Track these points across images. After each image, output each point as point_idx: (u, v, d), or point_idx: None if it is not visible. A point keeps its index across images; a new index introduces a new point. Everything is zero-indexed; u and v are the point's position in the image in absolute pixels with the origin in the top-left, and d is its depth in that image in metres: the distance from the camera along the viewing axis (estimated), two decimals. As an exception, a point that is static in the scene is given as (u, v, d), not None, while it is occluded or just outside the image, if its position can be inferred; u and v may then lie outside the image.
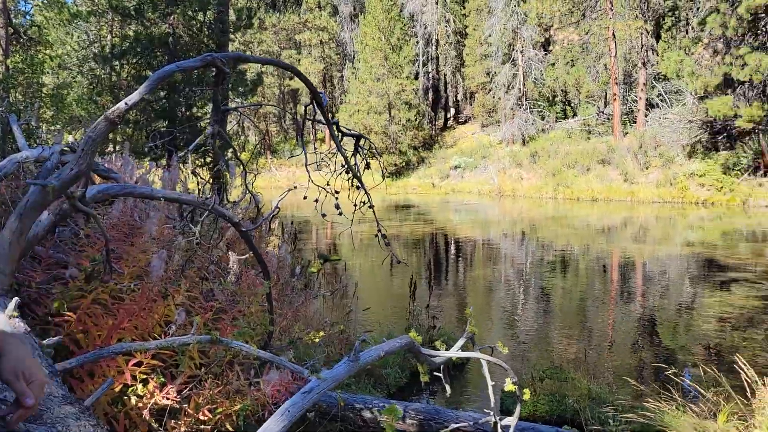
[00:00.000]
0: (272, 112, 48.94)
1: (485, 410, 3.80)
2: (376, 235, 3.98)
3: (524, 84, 36.72)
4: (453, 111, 50.28)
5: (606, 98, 35.66)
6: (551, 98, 39.17)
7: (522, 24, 36.41)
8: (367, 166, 4.02)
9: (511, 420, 3.70)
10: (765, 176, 24.23)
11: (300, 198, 3.80)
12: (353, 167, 3.84)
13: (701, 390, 3.98)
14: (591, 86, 35.59)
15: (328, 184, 3.75)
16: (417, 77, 42.54)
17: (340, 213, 3.70)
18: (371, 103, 38.17)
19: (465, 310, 4.43)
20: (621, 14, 32.83)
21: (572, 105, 39.30)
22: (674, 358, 6.68)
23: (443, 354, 3.80)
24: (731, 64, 23.66)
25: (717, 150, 26.69)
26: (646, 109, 32.10)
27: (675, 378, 4.14)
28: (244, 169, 3.90)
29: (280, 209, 4.88)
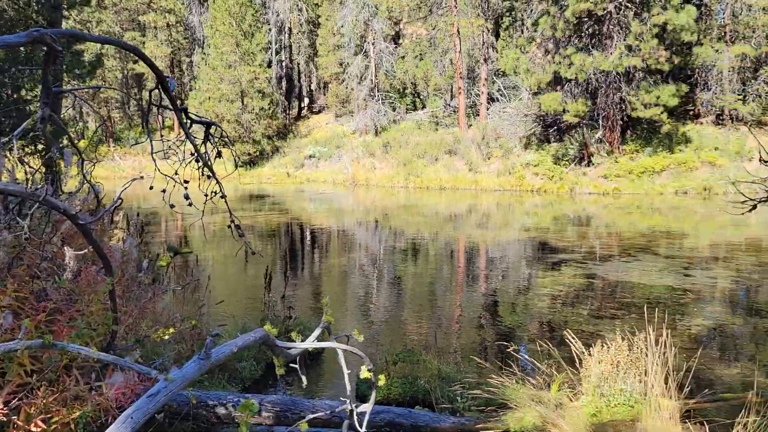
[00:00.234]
0: (114, 97, 45.79)
1: (341, 398, 3.87)
2: (229, 226, 3.87)
3: (376, 75, 37.45)
4: (307, 100, 50.09)
5: (452, 91, 37.39)
6: (402, 90, 40.36)
7: (373, 16, 37.06)
8: (219, 155, 3.89)
9: (367, 406, 3.80)
10: (588, 166, 26.83)
11: (147, 188, 3.59)
12: (203, 156, 3.70)
13: (537, 363, 4.35)
14: (438, 80, 37.16)
15: (177, 174, 3.57)
16: (270, 65, 41.81)
17: (190, 204, 3.55)
18: (223, 91, 36.95)
19: (321, 299, 4.46)
20: (465, 12, 34.54)
21: (421, 97, 40.82)
22: (514, 335, 7.22)
23: (299, 346, 3.80)
24: (560, 63, 25.84)
25: (549, 142, 29.09)
26: (488, 103, 34.16)
27: (515, 354, 4.48)
28: (81, 158, 3.61)
29: (123, 200, 4.58)
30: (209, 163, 3.75)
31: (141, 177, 4.59)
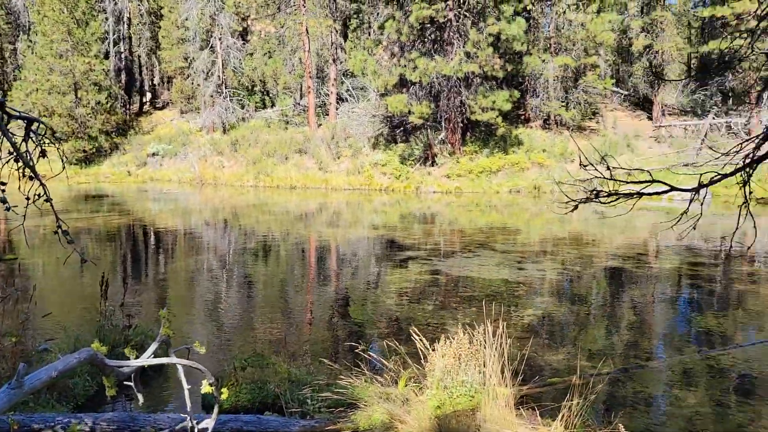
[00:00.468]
0: None
1: (182, 414, 3.72)
2: (56, 232, 3.57)
3: (224, 72, 36.34)
4: (150, 95, 47.39)
5: (302, 90, 37.32)
6: (250, 87, 39.55)
7: (220, 11, 35.89)
8: (43, 154, 3.57)
9: (209, 422, 3.67)
10: (433, 166, 28.10)
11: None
12: (24, 155, 3.37)
13: (384, 361, 4.50)
14: (288, 78, 36.91)
15: (-9, 175, 3.21)
16: (108, 57, 39.00)
17: (8, 208, 3.22)
18: (53, 82, 33.77)
19: (165, 308, 4.25)
20: (313, 12, 34.61)
21: (271, 95, 40.31)
22: (365, 333, 7.39)
23: (132, 363, 3.58)
24: (405, 67, 26.77)
25: (396, 142, 30.06)
26: (337, 103, 34.54)
27: (363, 354, 4.59)
28: None
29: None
30: (31, 164, 3.42)
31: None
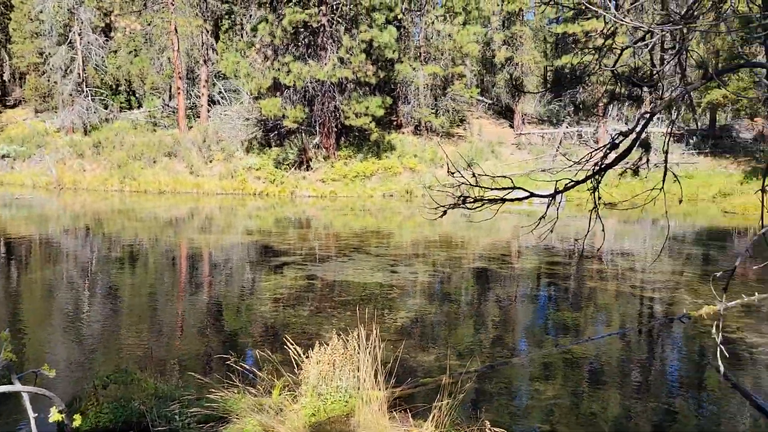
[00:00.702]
0: None
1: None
2: None
3: (84, 69, 34.00)
4: (-1, 92, 43.33)
5: (171, 91, 35.82)
6: (115, 87, 37.38)
7: (79, 4, 33.55)
8: None
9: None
10: (308, 170, 28.05)
11: None
12: None
13: (257, 371, 4.43)
14: (156, 78, 35.32)
15: None
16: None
17: None
18: None
19: (16, 325, 3.91)
20: (182, 10, 33.36)
21: (137, 95, 38.32)
22: (238, 343, 7.23)
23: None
24: (279, 70, 26.54)
25: (270, 146, 29.69)
26: (209, 105, 33.51)
27: (236, 365, 4.50)
28: None
29: None
30: None
31: None
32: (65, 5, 33.14)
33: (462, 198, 3.56)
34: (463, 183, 3.53)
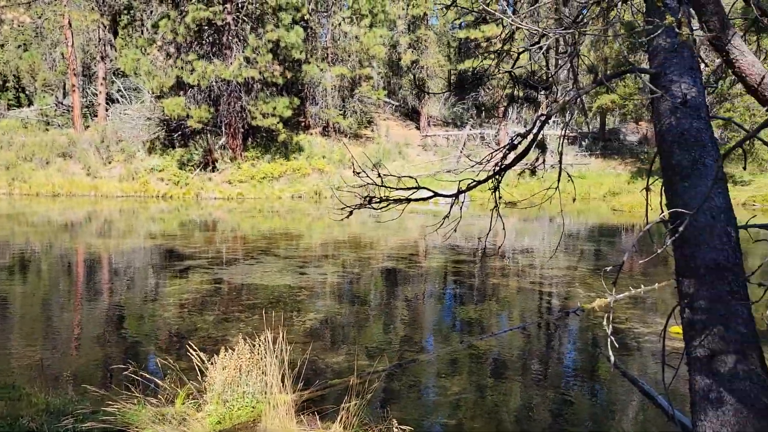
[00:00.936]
0: None
1: None
2: None
3: (-38, 62, 31.52)
4: None
5: (65, 89, 33.85)
6: (2, 83, 34.88)
7: (-45, -9, 31.08)
8: None
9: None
10: (213, 172, 27.36)
11: None
12: None
13: (159, 381, 4.29)
14: (48, 74, 33.32)
15: None
16: None
17: None
18: None
19: None
20: (77, 3, 31.61)
21: (27, 93, 35.95)
22: (140, 352, 6.95)
23: None
24: (182, 68, 25.72)
25: (174, 147, 28.70)
26: (107, 104, 31.95)
27: (136, 375, 4.33)
28: None
29: None
30: None
31: None
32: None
33: (368, 198, 3.62)
34: (369, 183, 3.58)
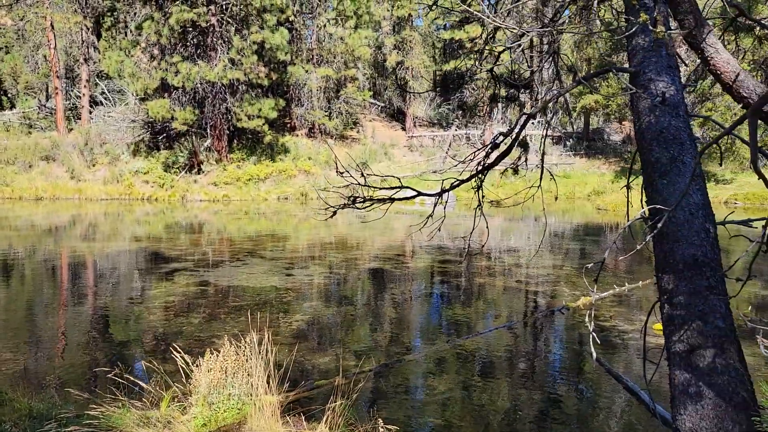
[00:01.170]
0: None
1: None
2: None
3: (-58, 64, 31.11)
4: None
5: (48, 91, 33.54)
6: (-19, 85, 34.53)
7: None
8: None
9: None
10: (199, 174, 27.22)
11: None
12: None
13: (144, 384, 4.27)
14: (30, 77, 33.01)
15: None
16: None
17: None
18: None
19: None
20: (60, 5, 31.34)
21: (9, 95, 35.62)
22: (125, 355, 6.91)
23: None
24: (167, 70, 25.57)
25: (159, 149, 28.52)
26: (91, 106, 31.70)
27: (120, 378, 4.31)
28: None
29: None
30: None
31: None
32: None
33: (352, 198, 3.63)
34: (353, 183, 3.60)
